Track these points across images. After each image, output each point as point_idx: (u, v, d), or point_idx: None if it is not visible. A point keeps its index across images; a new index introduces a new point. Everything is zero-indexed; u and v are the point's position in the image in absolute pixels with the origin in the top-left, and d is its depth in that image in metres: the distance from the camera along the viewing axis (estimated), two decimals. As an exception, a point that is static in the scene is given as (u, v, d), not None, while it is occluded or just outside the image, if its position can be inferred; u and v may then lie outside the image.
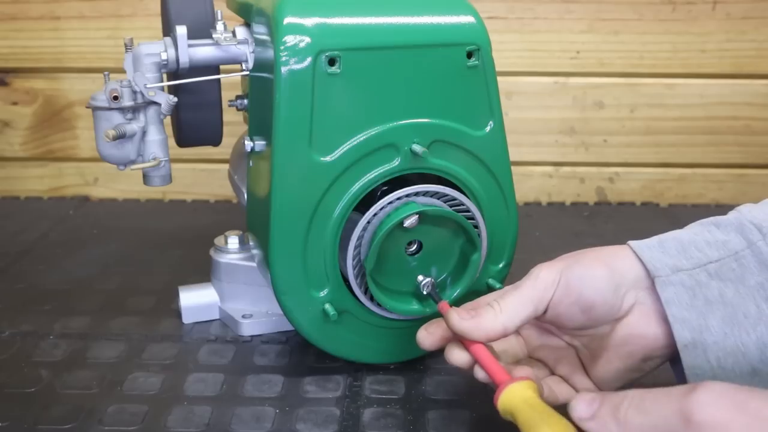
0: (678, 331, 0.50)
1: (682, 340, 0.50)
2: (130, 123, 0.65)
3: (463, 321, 0.51)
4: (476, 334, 0.51)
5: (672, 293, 0.50)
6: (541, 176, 1.08)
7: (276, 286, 0.61)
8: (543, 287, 0.52)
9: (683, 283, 0.51)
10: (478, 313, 0.51)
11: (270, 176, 0.58)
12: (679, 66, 1.03)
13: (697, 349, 0.49)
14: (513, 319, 0.51)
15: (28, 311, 0.75)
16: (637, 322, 0.52)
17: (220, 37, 0.63)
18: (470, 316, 0.51)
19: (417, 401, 0.61)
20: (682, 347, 0.50)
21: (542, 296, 0.52)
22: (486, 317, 0.51)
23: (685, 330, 0.50)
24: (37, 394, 0.61)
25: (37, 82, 1.05)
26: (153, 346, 0.68)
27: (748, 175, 1.08)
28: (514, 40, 1.02)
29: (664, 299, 0.50)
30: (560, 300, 0.52)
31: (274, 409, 0.60)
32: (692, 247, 0.52)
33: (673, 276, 0.51)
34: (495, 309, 0.51)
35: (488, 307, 0.51)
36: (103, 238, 0.93)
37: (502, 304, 0.51)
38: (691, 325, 0.50)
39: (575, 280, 0.52)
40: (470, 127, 0.61)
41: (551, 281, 0.52)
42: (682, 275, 0.51)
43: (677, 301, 0.50)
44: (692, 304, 0.50)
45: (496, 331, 0.51)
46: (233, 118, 0.76)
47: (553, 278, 0.52)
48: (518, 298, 0.52)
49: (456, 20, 0.60)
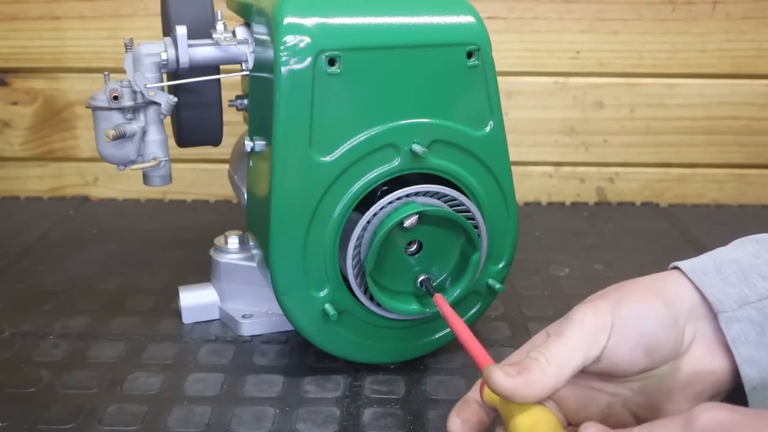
0: (746, 372, 0.45)
1: (751, 381, 0.45)
2: (130, 123, 0.65)
3: (510, 379, 0.43)
4: (525, 392, 0.43)
5: (739, 331, 0.45)
6: (541, 176, 1.08)
7: (276, 286, 0.61)
8: (593, 331, 0.45)
9: (751, 318, 0.46)
10: (524, 368, 0.44)
11: (270, 176, 0.58)
12: (679, 66, 1.03)
13: (767, 391, 0.45)
14: (564, 371, 0.44)
15: (28, 311, 0.75)
16: (702, 357, 0.46)
17: (220, 37, 0.63)
18: (516, 372, 0.44)
19: (417, 401, 0.61)
20: (750, 389, 0.45)
21: (594, 341, 0.45)
22: (534, 372, 0.44)
23: (754, 371, 0.45)
24: (37, 394, 0.61)
25: (37, 82, 1.05)
26: (153, 346, 0.68)
27: (748, 175, 1.08)
28: (514, 40, 1.02)
29: (731, 338, 0.45)
30: (618, 345, 0.45)
31: (274, 409, 0.60)
32: (755, 274, 0.47)
33: (740, 311, 0.46)
34: (541, 362, 0.44)
35: (533, 361, 0.44)
36: (103, 238, 0.93)
37: (548, 356, 0.44)
38: (760, 364, 0.45)
39: (632, 320, 0.46)
40: (470, 127, 0.61)
41: (602, 324, 0.45)
42: (749, 309, 0.46)
43: (745, 339, 0.45)
44: (760, 341, 0.45)
45: (546, 387, 0.44)
46: (233, 118, 0.76)
47: (603, 321, 0.46)
48: (566, 347, 0.45)
49: (456, 20, 0.60)
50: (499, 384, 0.43)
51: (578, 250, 0.90)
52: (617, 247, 0.92)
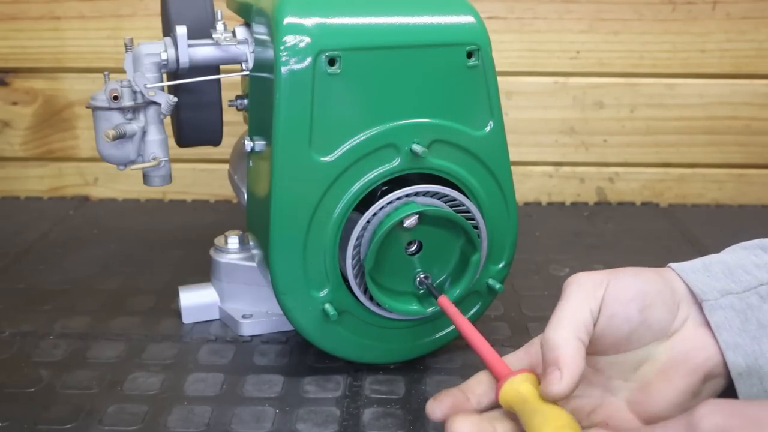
0: (731, 358, 0.47)
1: (737, 368, 0.47)
2: (130, 123, 0.65)
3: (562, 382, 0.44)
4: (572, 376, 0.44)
5: (722, 318, 0.47)
6: (541, 176, 1.08)
7: (276, 286, 0.61)
8: (590, 286, 0.47)
9: (733, 306, 0.48)
10: (553, 361, 0.45)
11: (270, 176, 0.58)
12: (679, 66, 1.03)
13: (753, 378, 0.46)
14: (579, 327, 0.45)
15: (28, 311, 0.75)
16: (695, 335, 0.48)
17: (220, 37, 0.63)
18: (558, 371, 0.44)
19: (417, 401, 0.61)
20: (736, 375, 0.47)
21: (593, 294, 0.47)
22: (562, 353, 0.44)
23: (739, 357, 0.47)
24: (37, 394, 0.61)
25: (37, 82, 1.05)
26: (153, 346, 0.68)
27: (748, 175, 1.08)
28: (514, 40, 1.02)
29: (714, 324, 0.47)
30: (615, 297, 0.47)
31: (274, 409, 0.60)
32: (740, 270, 0.49)
33: (722, 299, 0.48)
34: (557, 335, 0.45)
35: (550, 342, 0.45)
36: (103, 238, 0.93)
37: (554, 321, 0.46)
38: (745, 351, 0.47)
39: (628, 280, 0.47)
40: (470, 127, 0.61)
41: (598, 281, 0.47)
42: (732, 298, 0.48)
43: (728, 326, 0.47)
44: (744, 328, 0.47)
45: (575, 348, 0.44)
46: (233, 118, 0.76)
47: (599, 279, 0.47)
48: (570, 307, 0.46)
49: (456, 20, 0.60)
50: (553, 392, 0.44)
51: (578, 250, 0.90)
52: (617, 247, 0.92)
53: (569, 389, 0.44)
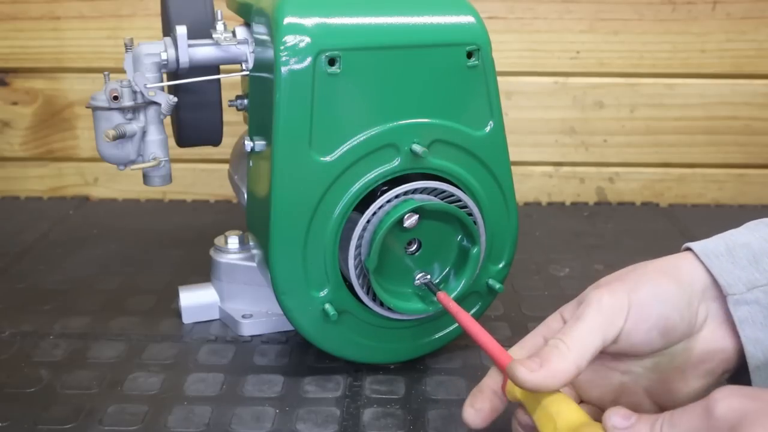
0: (751, 352, 0.47)
1: (755, 361, 0.47)
2: (130, 123, 0.65)
3: (534, 374, 0.44)
4: (550, 382, 0.44)
5: (746, 312, 0.47)
6: (541, 176, 1.08)
7: (276, 286, 0.60)
8: (610, 314, 0.46)
9: (759, 301, 0.47)
10: (545, 359, 0.45)
11: (270, 176, 0.58)
12: (679, 66, 1.03)
13: None
14: (584, 355, 0.45)
15: (28, 311, 0.75)
16: (713, 336, 0.48)
17: (220, 37, 0.63)
18: (539, 366, 0.45)
19: (417, 401, 0.61)
20: (753, 368, 0.47)
21: (611, 323, 0.46)
22: (555, 361, 0.45)
23: (759, 351, 0.47)
24: (37, 394, 0.61)
25: (37, 82, 1.05)
26: (153, 346, 0.68)
27: (748, 175, 1.08)
28: (514, 40, 1.02)
29: (738, 318, 0.47)
30: (635, 327, 0.47)
31: (274, 409, 0.60)
32: (765, 258, 0.48)
33: (749, 294, 0.47)
34: (561, 349, 0.45)
35: (553, 349, 0.45)
36: (103, 238, 0.93)
37: (567, 341, 0.45)
38: (765, 345, 0.47)
39: (649, 303, 0.47)
40: (470, 127, 0.61)
41: (619, 307, 0.47)
42: (758, 293, 0.47)
43: (751, 321, 0.47)
44: (767, 323, 0.47)
45: (569, 373, 0.44)
46: (233, 118, 0.76)
47: (620, 304, 0.47)
48: (584, 330, 0.46)
49: (456, 20, 0.60)
50: (525, 380, 0.44)
51: (578, 250, 0.90)
52: (617, 247, 0.92)
53: (537, 385, 0.44)
